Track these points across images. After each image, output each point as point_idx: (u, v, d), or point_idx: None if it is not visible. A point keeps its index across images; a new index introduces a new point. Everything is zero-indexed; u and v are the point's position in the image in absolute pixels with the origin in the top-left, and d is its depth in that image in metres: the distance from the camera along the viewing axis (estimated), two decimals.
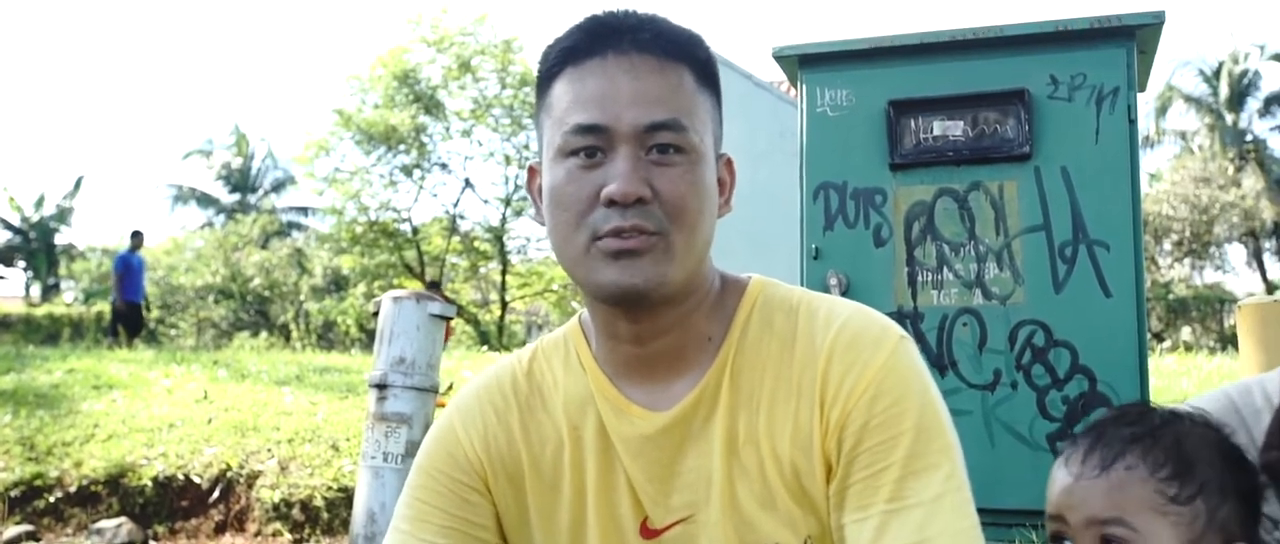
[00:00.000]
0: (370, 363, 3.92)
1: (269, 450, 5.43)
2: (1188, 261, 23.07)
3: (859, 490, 0.98)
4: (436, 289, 15.92)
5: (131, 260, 12.97)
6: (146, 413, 6.21)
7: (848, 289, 3.27)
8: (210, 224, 30.63)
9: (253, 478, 5.23)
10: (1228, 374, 6.94)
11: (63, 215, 32.98)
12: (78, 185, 34.28)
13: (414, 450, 3.39)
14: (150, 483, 5.27)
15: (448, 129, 20.80)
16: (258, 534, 5.00)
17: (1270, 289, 21.72)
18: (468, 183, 21.36)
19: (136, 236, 13.25)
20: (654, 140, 0.99)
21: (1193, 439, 1.06)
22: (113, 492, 5.31)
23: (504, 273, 21.91)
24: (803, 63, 3.43)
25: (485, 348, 14.37)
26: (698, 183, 1.00)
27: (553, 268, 20.94)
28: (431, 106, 20.26)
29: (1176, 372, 7.44)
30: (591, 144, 0.99)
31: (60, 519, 5.26)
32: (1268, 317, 3.98)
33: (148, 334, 16.68)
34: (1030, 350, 3.14)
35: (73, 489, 5.35)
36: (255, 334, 22.03)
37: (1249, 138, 25.20)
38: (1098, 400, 3.07)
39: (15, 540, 5.00)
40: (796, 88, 3.49)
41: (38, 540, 5.11)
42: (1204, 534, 1.02)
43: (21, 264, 33.01)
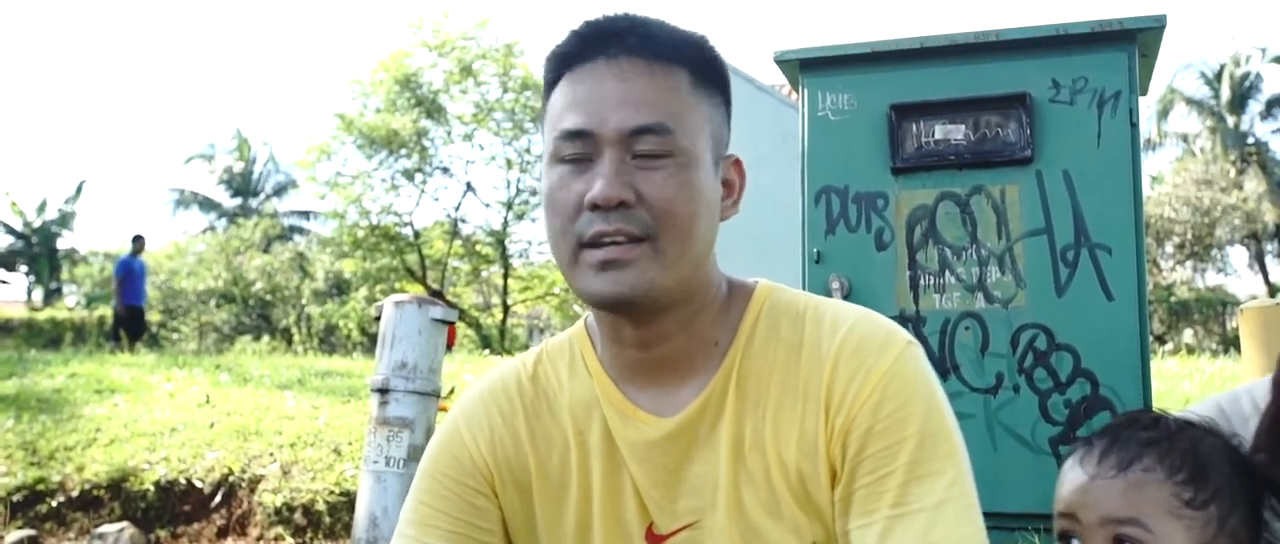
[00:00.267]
0: (372, 367, 3.92)
1: (271, 454, 5.42)
2: (1190, 264, 23.06)
3: (863, 496, 0.97)
4: (438, 297, 15.92)
5: (133, 265, 12.99)
6: (148, 417, 6.20)
7: (850, 293, 3.27)
8: (212, 228, 30.63)
9: (255, 482, 5.23)
10: (1230, 377, 6.93)
11: (65, 220, 33.00)
12: (79, 190, 34.23)
13: (416, 455, 3.39)
14: (152, 487, 5.26)
15: (449, 133, 20.79)
16: (260, 538, 4.99)
17: (1272, 292, 21.72)
18: (469, 187, 21.28)
19: (138, 241, 13.27)
20: (639, 144, 0.98)
21: (1206, 446, 1.07)
22: (115, 496, 5.30)
23: (506, 276, 21.89)
24: (804, 67, 3.44)
25: (487, 352, 14.38)
26: (687, 185, 0.99)
27: (554, 271, 20.90)
28: (433, 111, 20.25)
29: (1178, 374, 7.42)
30: (578, 149, 0.99)
31: (62, 524, 5.26)
32: (1270, 319, 3.97)
33: (149, 338, 16.69)
34: (1032, 354, 3.14)
35: (75, 494, 5.35)
36: (257, 338, 21.99)
37: (1251, 140, 25.20)
38: (1100, 404, 3.07)
39: None
40: (798, 92, 3.49)
41: None
42: (1215, 539, 1.03)
43: (23, 268, 33.01)
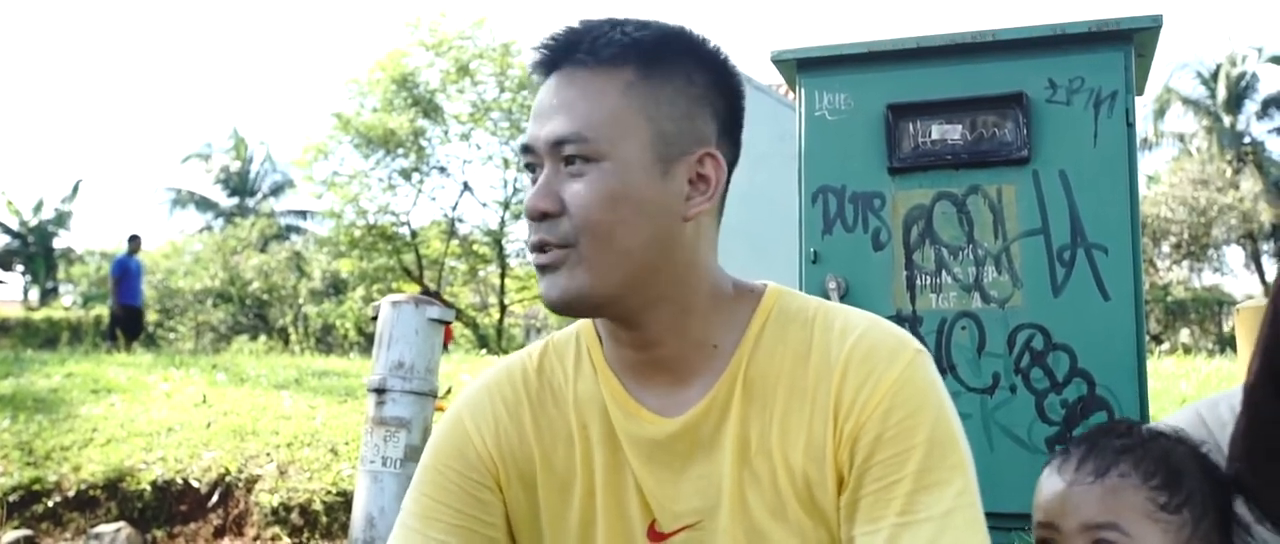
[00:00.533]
0: (369, 367, 3.91)
1: (268, 454, 5.42)
2: (1186, 264, 23.09)
3: (870, 503, 0.98)
4: (435, 296, 15.92)
5: (129, 264, 12.97)
6: (145, 417, 6.20)
7: (847, 293, 3.27)
8: (209, 228, 30.61)
9: (251, 482, 5.22)
10: (1226, 376, 6.94)
11: (61, 219, 32.96)
12: (76, 189, 34.15)
13: (413, 455, 3.40)
14: (149, 487, 5.26)
15: (446, 133, 20.80)
16: (257, 538, 4.99)
17: (1269, 291, 21.72)
18: (466, 186, 21.30)
19: (134, 240, 13.25)
20: (562, 154, 1.01)
21: (1178, 454, 1.11)
22: (111, 496, 5.29)
23: (502, 276, 21.90)
24: (801, 67, 3.44)
25: (484, 351, 14.38)
26: (606, 193, 0.99)
27: None
28: (430, 110, 20.25)
29: (1175, 374, 7.43)
30: (528, 162, 1.04)
31: (59, 524, 5.25)
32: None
33: (146, 338, 16.67)
34: (1029, 354, 3.14)
35: (71, 493, 5.34)
36: (254, 338, 21.97)
37: (1247, 140, 25.23)
38: (1096, 404, 3.07)
39: None
40: (795, 91, 3.49)
41: None
42: (1190, 542, 1.07)
43: (20, 268, 32.98)
